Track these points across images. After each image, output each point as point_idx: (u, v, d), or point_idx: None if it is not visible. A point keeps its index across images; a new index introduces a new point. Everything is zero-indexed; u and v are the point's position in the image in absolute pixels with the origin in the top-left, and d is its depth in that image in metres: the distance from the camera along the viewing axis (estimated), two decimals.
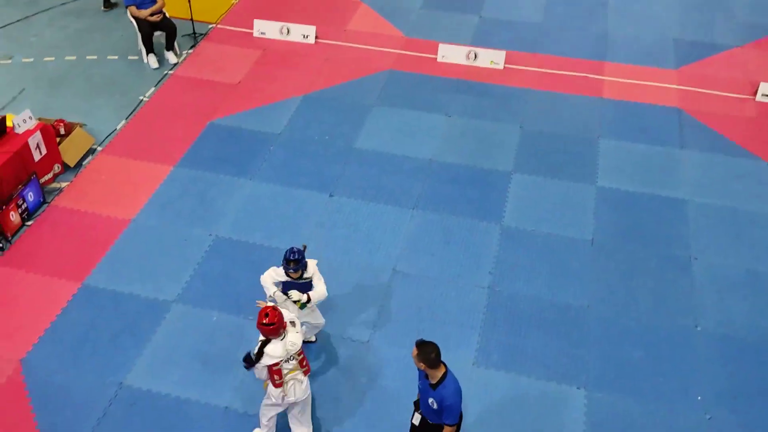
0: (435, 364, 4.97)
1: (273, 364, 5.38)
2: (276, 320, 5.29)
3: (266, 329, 5.31)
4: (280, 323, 5.33)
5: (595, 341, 6.89)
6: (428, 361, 4.95)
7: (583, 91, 10.27)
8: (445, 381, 5.04)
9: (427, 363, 4.96)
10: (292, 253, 5.86)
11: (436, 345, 4.99)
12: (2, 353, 6.57)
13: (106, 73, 10.37)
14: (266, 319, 5.28)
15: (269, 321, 5.28)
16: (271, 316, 5.29)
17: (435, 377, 5.04)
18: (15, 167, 7.84)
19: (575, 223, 8.15)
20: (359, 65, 10.63)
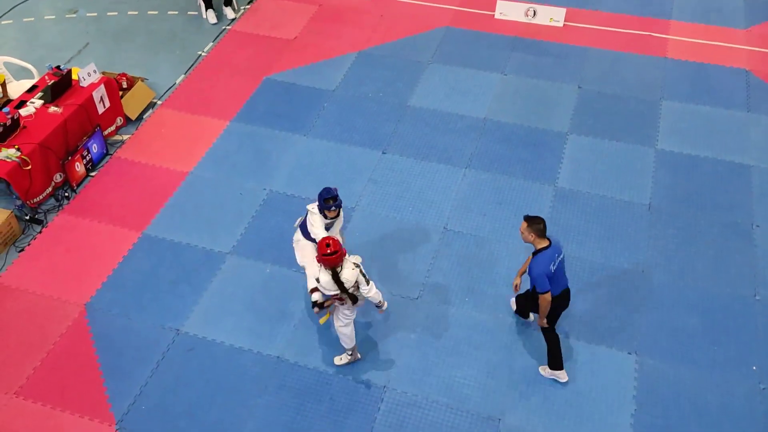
0: (542, 234, 5.63)
1: (333, 296, 5.60)
2: (338, 249, 5.47)
3: (329, 259, 5.46)
4: (341, 253, 5.51)
5: (648, 307, 6.78)
6: (538, 231, 5.61)
7: (646, 51, 9.89)
8: (540, 254, 5.65)
9: (537, 233, 5.61)
10: (330, 191, 6.01)
11: (543, 219, 5.65)
12: (69, 297, 6.91)
13: (167, 28, 10.53)
14: (329, 249, 5.46)
15: (332, 250, 5.46)
16: (333, 246, 5.47)
17: (537, 246, 5.68)
18: (80, 119, 8.10)
19: (632, 187, 7.95)
20: (415, 22, 10.48)
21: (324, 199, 6.03)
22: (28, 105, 7.96)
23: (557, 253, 5.67)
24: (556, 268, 5.66)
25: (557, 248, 5.68)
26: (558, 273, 5.71)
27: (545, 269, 5.56)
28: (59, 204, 7.84)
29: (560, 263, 5.72)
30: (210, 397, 6.15)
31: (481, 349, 6.48)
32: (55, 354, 6.44)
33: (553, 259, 5.62)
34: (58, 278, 7.08)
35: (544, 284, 5.60)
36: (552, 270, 5.60)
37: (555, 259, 5.64)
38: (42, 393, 6.17)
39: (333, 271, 5.55)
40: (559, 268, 5.71)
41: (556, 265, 5.65)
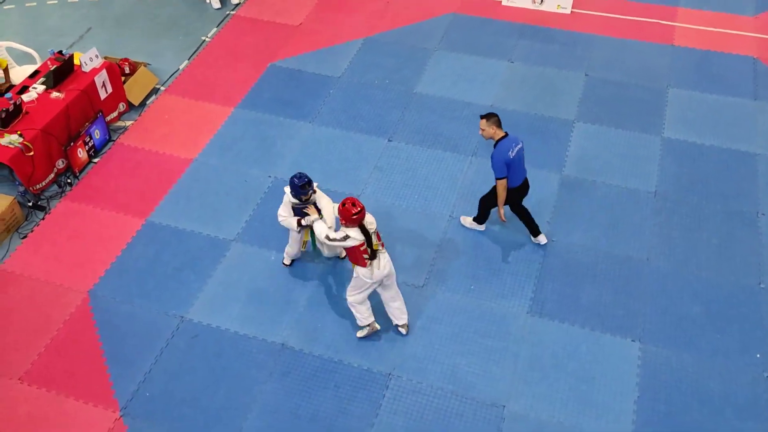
0: (499, 125, 6.27)
1: (359, 245, 5.79)
2: (362, 206, 5.76)
3: (358, 217, 5.72)
4: (365, 212, 5.78)
5: (652, 295, 6.75)
6: (497, 123, 6.20)
7: (654, 38, 9.80)
8: (499, 143, 6.25)
9: (496, 125, 6.21)
10: (302, 176, 6.14)
11: (496, 114, 6.26)
12: (72, 285, 6.89)
13: (170, 13, 10.44)
14: (355, 209, 5.71)
15: (358, 208, 5.72)
16: (357, 204, 5.73)
17: (496, 138, 6.27)
18: (82, 105, 8.06)
19: (638, 175, 7.91)
20: (422, 8, 10.38)
21: (298, 186, 6.13)
22: (30, 90, 7.92)
23: (515, 143, 6.26)
24: (515, 156, 6.23)
25: (514, 138, 6.29)
26: (517, 162, 6.29)
27: (504, 156, 6.16)
28: (62, 190, 7.81)
29: (519, 153, 6.30)
30: (214, 383, 6.15)
31: (486, 336, 6.46)
32: (59, 340, 6.44)
33: (510, 147, 6.22)
34: (61, 265, 7.06)
35: (502, 170, 6.19)
36: (510, 156, 6.19)
37: (513, 148, 6.22)
38: (46, 379, 6.17)
39: (361, 226, 5.80)
40: (518, 158, 6.28)
41: (515, 153, 6.23)
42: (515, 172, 6.31)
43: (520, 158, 6.33)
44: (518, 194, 6.60)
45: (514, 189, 6.48)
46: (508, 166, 6.21)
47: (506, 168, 6.21)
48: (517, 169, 6.31)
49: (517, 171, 6.33)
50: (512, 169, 6.27)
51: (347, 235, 5.82)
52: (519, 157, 6.28)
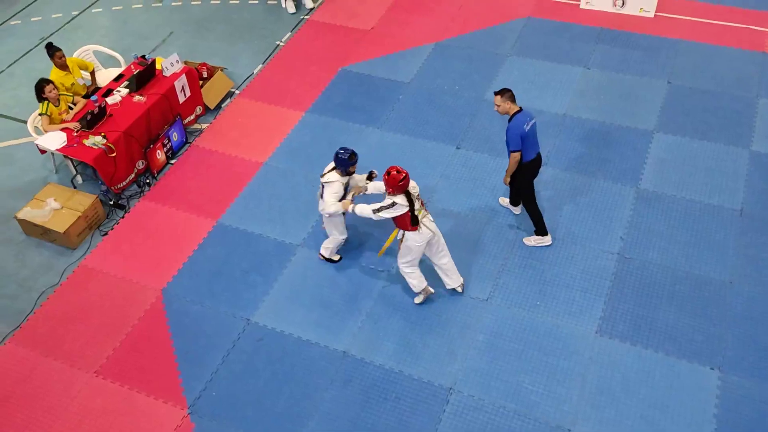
0: (514, 100, 6.45)
1: (407, 212, 6.02)
2: (406, 172, 5.98)
3: (404, 183, 5.96)
4: (409, 178, 6.01)
5: (735, 320, 6.38)
6: (512, 98, 6.41)
7: (743, 45, 9.26)
8: (514, 118, 6.42)
9: (511, 100, 6.41)
10: (345, 149, 6.39)
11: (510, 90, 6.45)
12: (147, 282, 7.15)
13: (247, 18, 10.67)
14: (400, 175, 5.93)
15: (403, 174, 5.94)
16: (401, 171, 5.95)
17: (511, 112, 6.45)
18: (162, 108, 8.34)
19: (723, 191, 7.49)
20: (495, 12, 10.20)
21: (344, 158, 6.37)
22: (114, 93, 8.26)
23: (529, 117, 6.46)
24: (530, 129, 6.43)
25: (528, 113, 6.48)
26: (531, 136, 6.49)
27: (520, 130, 6.37)
28: (141, 190, 8.12)
29: (533, 127, 6.49)
30: (277, 387, 6.24)
31: (552, 355, 6.28)
32: (133, 337, 6.69)
33: (525, 120, 6.41)
34: (138, 263, 7.34)
35: (517, 143, 6.41)
36: (525, 130, 6.40)
37: (528, 122, 6.42)
38: (120, 374, 6.42)
39: (406, 192, 6.03)
40: (532, 132, 6.49)
41: (530, 127, 6.43)
42: (530, 146, 6.55)
43: (534, 132, 6.56)
44: (532, 168, 6.75)
45: (529, 162, 6.65)
46: (523, 140, 6.43)
47: (521, 141, 6.42)
48: (532, 143, 6.56)
49: (532, 145, 6.57)
50: (527, 142, 6.49)
51: (394, 202, 6.01)
52: (533, 131, 6.52)
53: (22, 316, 6.94)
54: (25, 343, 6.72)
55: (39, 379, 6.43)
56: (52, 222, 7.42)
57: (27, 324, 6.88)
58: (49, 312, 6.96)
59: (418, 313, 6.67)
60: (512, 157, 6.55)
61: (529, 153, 6.57)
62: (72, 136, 7.75)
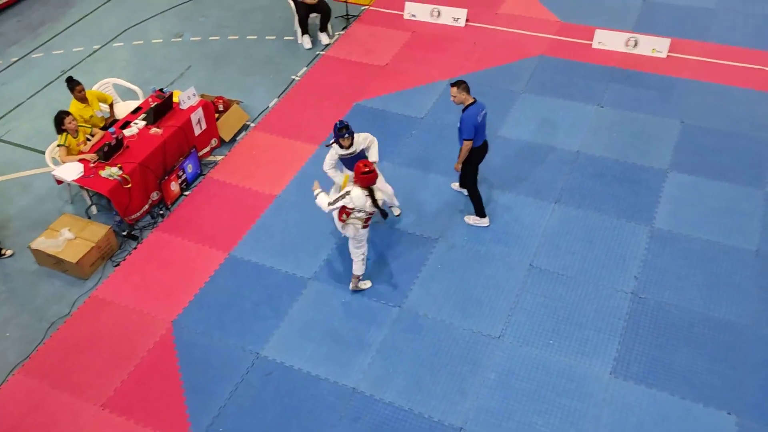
0: (469, 91, 6.94)
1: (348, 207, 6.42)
2: (373, 170, 6.30)
3: (365, 177, 6.26)
4: (375, 175, 6.33)
5: (755, 365, 6.25)
6: (467, 89, 6.89)
7: (757, 86, 9.28)
8: (468, 108, 6.93)
9: (467, 91, 6.90)
10: (341, 122, 6.89)
11: (465, 81, 6.93)
12: (157, 314, 7.14)
13: (264, 52, 10.85)
14: (366, 168, 6.26)
15: (369, 169, 6.27)
16: (370, 166, 6.29)
17: (466, 103, 6.94)
18: (178, 140, 8.44)
19: (739, 231, 7.42)
20: (509, 50, 10.31)
21: (337, 130, 6.88)
22: (132, 126, 8.37)
23: (482, 108, 6.99)
24: (482, 120, 6.97)
25: (481, 104, 7.01)
26: (482, 126, 7.04)
27: (473, 120, 6.88)
28: (154, 221, 8.17)
29: (484, 117, 7.03)
30: (285, 423, 6.16)
31: (565, 396, 6.17)
32: (142, 368, 6.66)
33: (479, 111, 6.94)
34: (149, 294, 7.34)
35: (470, 132, 6.91)
36: (478, 120, 6.91)
37: (480, 112, 6.95)
38: (127, 407, 6.37)
39: (369, 190, 6.33)
40: (483, 122, 7.04)
41: (482, 118, 6.97)
42: (479, 135, 7.09)
43: (485, 123, 7.09)
44: (480, 153, 7.30)
45: (477, 149, 7.19)
46: (476, 129, 6.91)
47: (474, 130, 6.90)
48: (482, 132, 7.10)
49: (481, 134, 7.12)
50: (478, 131, 7.00)
51: (349, 192, 6.32)
52: (484, 122, 7.06)
53: (32, 346, 6.93)
54: (34, 373, 6.70)
55: (47, 410, 6.39)
56: (65, 252, 7.46)
57: (36, 354, 6.86)
58: (59, 342, 6.95)
59: (429, 350, 6.60)
60: (465, 145, 7.07)
61: (477, 140, 7.12)
62: (89, 167, 7.84)
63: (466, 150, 7.11)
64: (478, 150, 7.24)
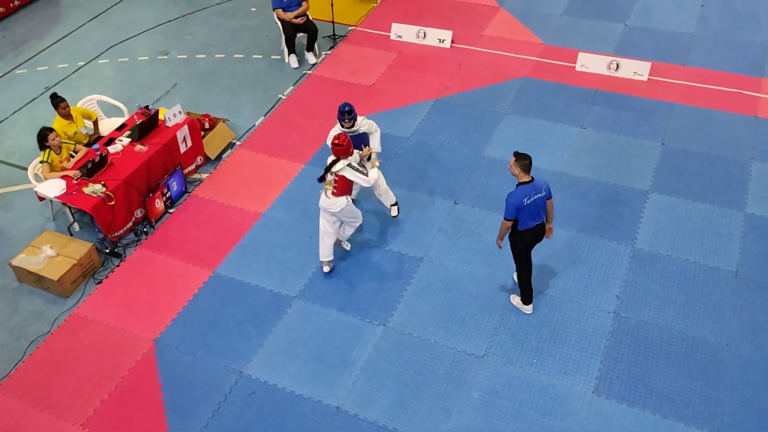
0: (526, 170, 6.41)
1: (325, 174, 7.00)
2: (344, 143, 6.85)
3: (334, 147, 6.89)
4: (343, 149, 6.86)
5: (732, 384, 6.32)
6: (523, 167, 6.40)
7: (736, 109, 9.48)
8: (519, 186, 6.44)
9: (522, 168, 6.40)
10: (345, 105, 7.42)
11: (530, 156, 6.42)
12: (139, 332, 7.08)
13: (251, 71, 10.90)
14: (337, 141, 6.85)
15: (339, 142, 6.86)
16: (341, 140, 6.86)
17: (519, 180, 6.47)
18: (163, 158, 8.42)
19: (718, 252, 7.53)
20: (494, 71, 10.45)
21: (339, 112, 7.47)
22: (116, 143, 8.35)
23: (535, 191, 6.42)
24: (531, 202, 6.40)
25: (536, 186, 6.44)
26: (532, 208, 6.45)
27: (517, 201, 6.37)
28: (138, 239, 8.12)
29: (537, 200, 6.45)
30: None
31: (548, 415, 6.18)
32: (123, 388, 6.58)
33: (528, 194, 6.39)
34: (131, 312, 7.28)
35: (510, 212, 6.43)
36: (525, 203, 6.38)
37: (531, 195, 6.40)
38: (107, 426, 6.28)
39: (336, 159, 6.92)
40: (534, 204, 6.44)
41: (531, 200, 6.40)
42: (528, 217, 6.51)
43: (537, 205, 6.49)
44: (530, 236, 6.67)
45: (525, 231, 6.59)
46: (519, 210, 6.42)
47: (516, 212, 6.41)
48: (531, 214, 6.51)
49: (531, 216, 6.52)
50: (524, 213, 6.46)
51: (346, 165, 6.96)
52: (535, 205, 6.48)
53: (10, 365, 6.83)
54: (12, 392, 6.60)
55: (25, 430, 6.28)
56: (46, 269, 7.39)
57: (15, 373, 6.77)
58: (38, 361, 6.86)
59: (414, 368, 6.60)
60: (502, 224, 6.53)
61: (526, 222, 6.49)
62: (71, 184, 7.80)
63: (504, 229, 6.55)
64: (526, 233, 6.57)
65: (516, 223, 6.50)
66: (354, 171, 6.95)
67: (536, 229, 6.59)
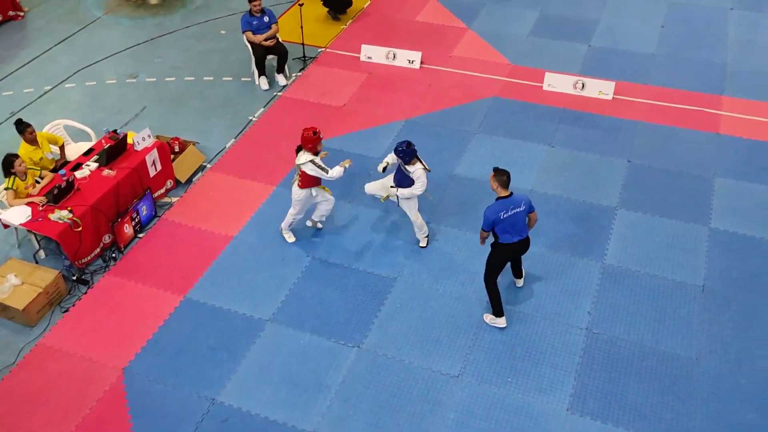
0: (504, 185, 6.64)
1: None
2: (309, 136, 7.25)
3: (302, 136, 7.30)
4: (311, 142, 7.27)
5: (703, 398, 6.40)
6: (501, 182, 6.62)
7: (698, 126, 9.72)
8: (498, 201, 6.65)
9: (500, 183, 6.63)
10: (401, 144, 7.36)
11: (508, 172, 6.63)
12: (107, 361, 6.93)
13: (221, 94, 10.86)
14: (305, 132, 7.27)
15: (305, 133, 7.26)
16: (310, 130, 7.24)
17: (498, 195, 6.68)
18: (132, 182, 8.32)
19: (685, 267, 7.67)
20: (463, 91, 10.57)
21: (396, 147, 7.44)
22: (83, 167, 8.23)
23: (513, 205, 6.62)
24: (509, 216, 6.60)
25: (514, 201, 6.64)
26: (511, 222, 6.64)
27: (494, 214, 6.59)
28: (106, 265, 7.98)
29: (516, 214, 6.63)
30: None
31: None
32: (91, 419, 6.42)
33: (505, 208, 6.60)
34: (99, 340, 7.13)
35: (486, 224, 6.65)
36: (501, 217, 6.59)
37: (508, 209, 6.61)
38: None
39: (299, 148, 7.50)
40: (513, 218, 6.62)
41: (509, 214, 6.60)
42: (506, 231, 6.70)
43: (515, 220, 6.66)
44: (510, 251, 6.87)
45: (511, 245, 6.78)
46: (495, 224, 6.63)
47: (492, 224, 6.65)
48: (512, 228, 6.69)
49: (510, 230, 6.70)
50: (506, 226, 6.66)
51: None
52: (514, 219, 6.65)
53: None
54: None
55: None
56: (11, 298, 7.21)
57: None
58: (3, 393, 6.66)
59: (389, 390, 6.57)
60: (480, 234, 6.81)
61: (507, 237, 6.69)
62: (37, 211, 7.65)
63: (481, 238, 6.82)
64: (507, 247, 6.76)
65: (497, 236, 6.73)
66: (315, 167, 7.34)
67: (518, 244, 6.76)
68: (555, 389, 6.53)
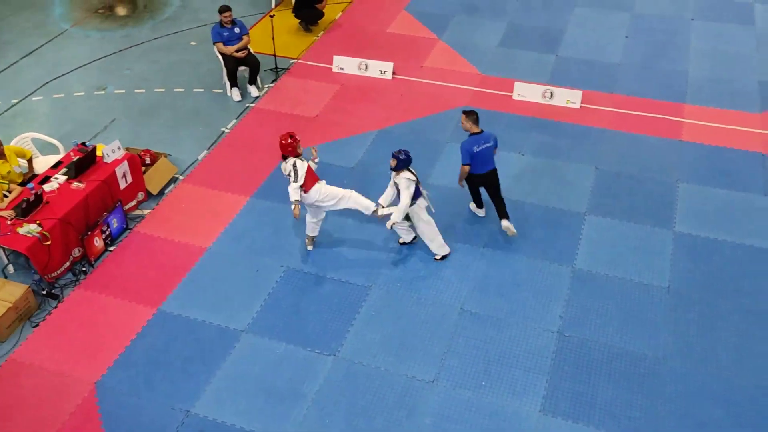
0: (475, 123, 7.75)
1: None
2: (284, 142, 7.47)
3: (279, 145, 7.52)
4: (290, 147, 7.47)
5: (670, 396, 6.57)
6: (473, 120, 7.70)
7: (662, 133, 9.99)
8: (471, 136, 7.73)
9: (472, 121, 7.70)
10: (400, 151, 7.46)
11: (476, 112, 7.78)
12: (79, 375, 6.85)
13: (192, 105, 10.84)
14: (281, 140, 7.50)
15: (281, 141, 7.49)
16: (285, 136, 7.46)
17: (471, 132, 7.74)
18: (102, 195, 8.26)
19: (651, 269, 7.86)
20: (435, 101, 10.71)
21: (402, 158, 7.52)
22: (52, 180, 8.15)
23: (484, 140, 7.73)
24: (480, 150, 7.70)
25: (485, 137, 7.75)
26: (483, 155, 7.75)
27: (469, 148, 7.67)
28: (76, 279, 7.90)
29: (486, 149, 7.75)
30: None
31: None
32: None
33: (478, 142, 7.68)
34: (70, 355, 7.05)
35: (465, 157, 7.71)
36: (475, 150, 7.67)
37: (480, 143, 7.68)
38: None
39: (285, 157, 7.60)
40: (484, 152, 7.74)
41: (481, 149, 7.69)
42: (480, 163, 7.79)
43: (485, 154, 7.77)
44: (486, 179, 7.98)
45: (481, 175, 7.91)
46: (473, 157, 7.67)
47: (470, 157, 7.67)
48: (482, 161, 7.78)
49: (482, 162, 7.79)
50: (477, 159, 7.73)
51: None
52: (484, 153, 7.75)
53: None
54: None
55: None
56: None
57: None
58: None
59: (365, 398, 6.60)
60: (461, 168, 7.82)
61: (478, 168, 7.80)
62: (5, 225, 7.55)
63: (462, 173, 7.88)
64: (478, 176, 7.93)
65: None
66: (292, 170, 7.50)
67: (486, 174, 7.93)
68: (528, 391, 6.64)
